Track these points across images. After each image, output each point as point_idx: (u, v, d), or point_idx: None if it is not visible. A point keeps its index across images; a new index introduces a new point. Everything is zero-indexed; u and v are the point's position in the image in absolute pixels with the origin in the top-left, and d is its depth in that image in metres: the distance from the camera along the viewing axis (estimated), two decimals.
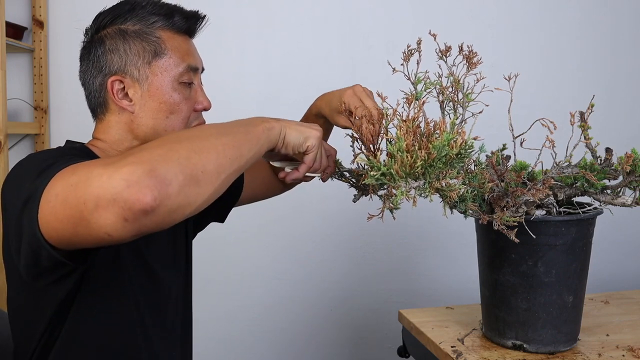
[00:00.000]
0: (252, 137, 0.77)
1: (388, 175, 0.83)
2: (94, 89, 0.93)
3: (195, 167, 0.66)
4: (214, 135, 0.72)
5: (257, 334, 1.99)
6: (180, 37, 0.94)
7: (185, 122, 0.94)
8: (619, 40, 2.11)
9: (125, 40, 0.91)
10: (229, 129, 0.76)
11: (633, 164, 0.94)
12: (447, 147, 0.81)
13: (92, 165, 0.64)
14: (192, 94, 0.95)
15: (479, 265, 1.13)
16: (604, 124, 1.98)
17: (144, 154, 0.64)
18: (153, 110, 0.91)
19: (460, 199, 0.95)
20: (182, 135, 0.71)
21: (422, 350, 1.21)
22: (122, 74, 0.90)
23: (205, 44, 1.89)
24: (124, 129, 0.92)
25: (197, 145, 0.68)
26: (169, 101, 0.91)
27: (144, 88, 0.90)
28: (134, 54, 0.90)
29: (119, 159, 0.63)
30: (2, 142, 1.64)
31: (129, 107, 0.91)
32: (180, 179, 0.64)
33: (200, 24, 0.98)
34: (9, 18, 1.74)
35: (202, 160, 0.67)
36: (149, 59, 0.90)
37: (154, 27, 0.92)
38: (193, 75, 0.95)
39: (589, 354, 1.06)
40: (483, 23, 2.01)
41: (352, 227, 1.99)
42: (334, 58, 1.94)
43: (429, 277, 2.05)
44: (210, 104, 0.97)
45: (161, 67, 0.91)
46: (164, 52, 0.91)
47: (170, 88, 0.91)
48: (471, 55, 0.98)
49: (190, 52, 0.95)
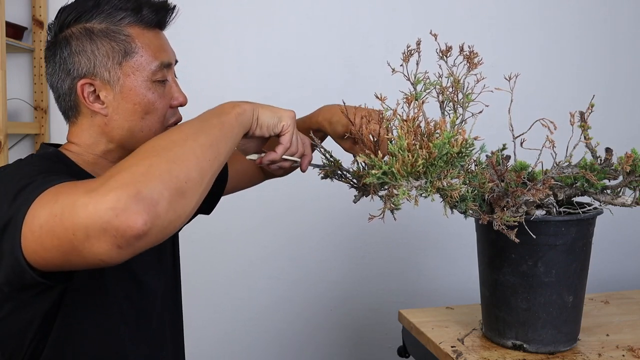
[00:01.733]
0: (226, 129, 0.76)
1: (389, 174, 0.83)
2: (63, 92, 0.88)
3: (178, 179, 0.65)
4: (190, 137, 0.71)
5: (255, 334, 1.99)
6: (151, 32, 0.89)
7: (162, 120, 0.91)
8: (618, 40, 2.11)
9: (92, 41, 0.86)
10: (203, 125, 0.74)
11: (633, 164, 0.94)
12: (448, 145, 0.81)
13: (75, 193, 0.63)
14: (166, 91, 0.91)
15: (479, 265, 1.13)
16: (604, 124, 1.97)
17: (125, 176, 0.62)
18: (127, 112, 0.87)
19: (461, 199, 0.95)
20: (158, 145, 0.69)
21: (422, 350, 1.21)
22: (91, 76, 0.86)
23: (204, 42, 1.90)
24: (98, 131, 0.89)
25: (175, 154, 0.67)
26: (143, 102, 0.87)
27: (116, 90, 0.86)
28: (102, 55, 0.85)
29: (101, 184, 0.62)
30: (2, 142, 1.64)
31: (102, 110, 0.87)
32: (167, 196, 0.63)
33: (170, 16, 0.93)
34: (9, 18, 1.74)
35: (183, 170, 0.66)
36: (119, 59, 0.86)
37: (122, 24, 0.87)
38: (167, 71, 0.91)
39: (589, 354, 1.06)
40: (483, 23, 2.01)
41: (352, 227, 1.99)
42: (333, 57, 1.94)
43: (429, 277, 2.05)
44: (186, 98, 0.94)
45: (133, 67, 0.87)
46: (134, 50, 0.86)
47: (144, 88, 0.87)
48: (472, 55, 0.98)
49: (162, 47, 0.90)
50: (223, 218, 1.24)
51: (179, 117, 0.95)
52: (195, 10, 1.85)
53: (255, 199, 1.88)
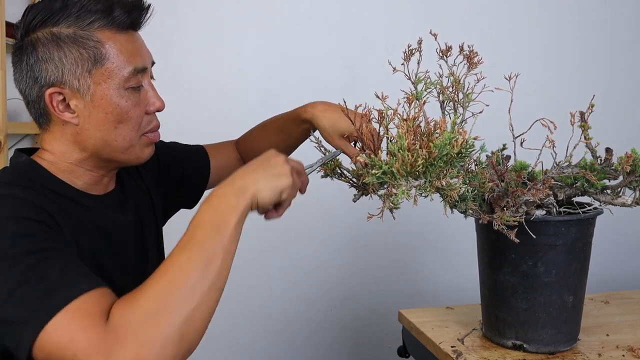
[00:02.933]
0: (228, 247, 0.72)
1: (389, 173, 0.83)
2: (32, 99, 0.84)
3: (190, 340, 0.68)
4: (197, 284, 0.68)
5: (255, 334, 1.99)
6: (123, 35, 0.83)
7: (137, 128, 0.86)
8: (619, 40, 2.11)
9: (59, 47, 0.80)
10: (207, 259, 0.70)
11: (633, 164, 0.94)
12: (448, 146, 0.82)
13: (89, 347, 0.64)
14: (142, 97, 0.86)
15: (479, 265, 1.13)
16: (604, 124, 1.97)
17: (139, 344, 0.64)
18: (99, 121, 0.82)
19: (461, 199, 0.95)
20: (167, 300, 0.67)
21: (422, 350, 1.21)
22: (60, 85, 0.81)
23: (204, 43, 1.90)
24: (70, 140, 0.84)
25: (186, 313, 0.67)
26: (115, 111, 0.82)
27: (86, 99, 0.81)
28: (70, 62, 0.80)
29: (115, 344, 0.64)
30: (2, 142, 1.64)
31: (73, 119, 0.82)
32: (179, 355, 0.66)
33: (145, 15, 0.86)
34: (9, 18, 1.74)
35: (194, 329, 0.68)
36: (88, 67, 0.80)
37: (91, 28, 0.81)
38: (141, 76, 0.85)
39: (589, 354, 1.06)
40: (483, 23, 2.01)
41: (352, 227, 1.99)
42: (333, 58, 1.94)
43: (429, 277, 2.05)
44: (164, 103, 0.88)
45: (104, 74, 0.81)
46: (105, 57, 0.81)
47: (117, 96, 0.82)
48: (472, 55, 0.98)
49: (135, 51, 0.84)
50: None
51: (156, 124, 0.90)
52: (195, 11, 1.85)
53: None
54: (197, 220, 0.73)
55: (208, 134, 1.88)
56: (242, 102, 1.89)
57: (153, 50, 0.90)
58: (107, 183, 0.92)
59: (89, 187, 0.89)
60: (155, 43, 0.99)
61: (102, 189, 0.91)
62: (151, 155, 0.92)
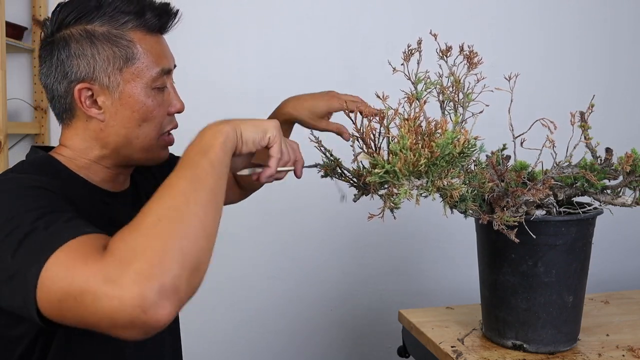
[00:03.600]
0: (217, 168, 0.72)
1: (391, 173, 0.83)
2: (59, 94, 0.86)
3: (192, 256, 0.64)
4: (191, 198, 0.67)
5: (255, 334, 1.99)
6: (153, 37, 0.87)
7: (158, 128, 0.89)
8: (619, 40, 2.11)
9: (93, 44, 0.83)
10: (195, 176, 0.69)
11: (633, 164, 0.94)
12: (450, 145, 0.82)
13: (92, 277, 0.61)
14: (165, 98, 0.89)
15: (479, 265, 1.13)
16: (604, 124, 1.97)
17: (143, 265, 0.60)
18: (125, 118, 0.85)
19: (461, 199, 0.95)
20: (164, 217, 0.65)
21: (422, 350, 1.21)
22: (90, 80, 0.83)
23: (205, 43, 1.90)
24: (92, 136, 0.86)
25: (183, 226, 0.65)
26: (142, 109, 0.85)
27: (114, 96, 0.84)
28: (103, 59, 0.83)
29: (120, 272, 0.60)
30: (2, 142, 1.64)
31: (99, 115, 0.85)
32: (185, 277, 0.63)
33: (173, 21, 0.90)
34: (9, 18, 1.74)
35: (194, 243, 0.65)
36: (120, 65, 0.83)
37: (125, 28, 0.84)
38: (166, 77, 0.89)
39: (589, 354, 1.06)
40: (483, 23, 2.01)
41: (352, 227, 1.99)
42: (333, 58, 1.94)
43: (429, 277, 2.05)
44: (184, 105, 0.92)
45: (133, 73, 0.84)
46: (136, 57, 0.84)
47: (144, 95, 0.85)
48: (472, 55, 0.98)
49: (163, 53, 0.88)
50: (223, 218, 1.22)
51: (175, 124, 0.93)
52: (195, 11, 1.85)
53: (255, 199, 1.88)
54: (184, 153, 0.74)
55: None
56: (242, 102, 1.89)
57: None
58: (122, 181, 0.94)
59: (104, 183, 0.90)
60: None
61: (118, 186, 0.93)
62: (166, 158, 0.93)
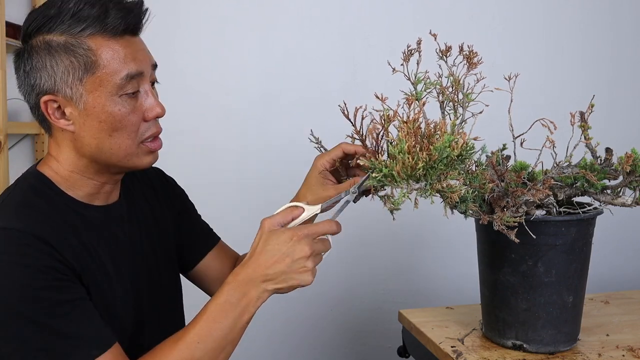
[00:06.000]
0: (237, 333, 0.89)
1: (389, 176, 0.83)
2: (31, 105, 0.84)
3: None
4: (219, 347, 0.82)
5: (255, 333, 1.98)
6: (117, 40, 0.81)
7: (134, 136, 0.84)
8: (619, 40, 2.11)
9: (51, 55, 0.80)
10: (225, 333, 0.85)
11: (633, 164, 0.94)
12: (448, 148, 0.81)
13: None
14: (139, 103, 0.83)
15: (479, 265, 1.13)
16: (604, 124, 1.98)
17: None
18: (94, 129, 0.81)
19: (461, 200, 0.95)
20: None
21: (422, 350, 1.21)
22: (54, 92, 0.80)
23: (207, 42, 1.90)
24: (70, 146, 0.84)
25: None
26: (109, 119, 0.81)
27: (79, 107, 0.80)
28: (62, 71, 0.79)
29: None
30: (2, 142, 1.64)
31: (68, 126, 0.82)
32: None
33: (142, 19, 0.84)
34: (9, 18, 1.73)
35: None
36: (79, 75, 0.79)
37: (82, 36, 0.79)
38: (138, 81, 0.83)
39: (589, 354, 1.06)
40: (483, 23, 2.01)
41: (352, 226, 1.98)
42: (334, 58, 1.94)
43: (429, 277, 2.05)
44: (164, 109, 0.86)
45: (95, 82, 0.80)
46: (96, 65, 0.79)
47: (110, 104, 0.80)
48: (471, 55, 0.98)
49: (130, 56, 0.81)
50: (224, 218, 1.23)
51: (158, 130, 0.88)
52: (197, 11, 1.85)
53: (255, 199, 1.88)
54: (226, 285, 0.87)
55: (208, 133, 1.89)
56: (243, 102, 1.89)
57: (153, 51, 0.89)
58: (109, 192, 0.90)
59: (89, 197, 0.88)
60: (156, 43, 0.99)
61: (103, 198, 0.90)
62: (152, 164, 0.89)
